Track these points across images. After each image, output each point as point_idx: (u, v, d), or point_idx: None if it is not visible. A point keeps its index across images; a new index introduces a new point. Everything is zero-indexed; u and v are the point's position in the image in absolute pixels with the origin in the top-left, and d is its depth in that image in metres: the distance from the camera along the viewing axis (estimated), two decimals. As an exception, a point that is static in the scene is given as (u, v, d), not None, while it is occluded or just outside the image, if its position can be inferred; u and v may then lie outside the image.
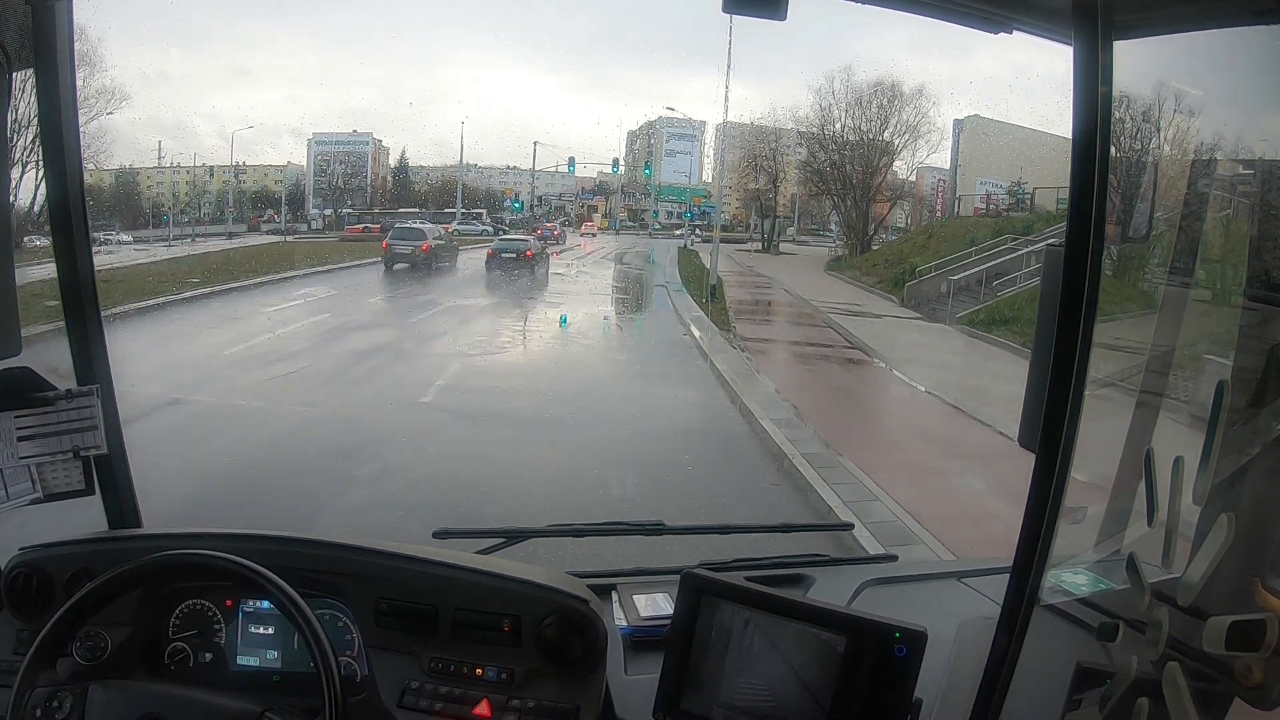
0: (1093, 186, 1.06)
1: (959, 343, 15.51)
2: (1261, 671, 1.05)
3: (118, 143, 29.46)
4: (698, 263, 23.33)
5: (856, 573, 1.91)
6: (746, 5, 1.36)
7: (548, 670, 1.39)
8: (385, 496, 5.83)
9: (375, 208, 31.08)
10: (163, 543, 1.39)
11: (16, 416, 1.53)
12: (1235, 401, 1.23)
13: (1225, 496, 1.19)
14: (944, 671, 1.41)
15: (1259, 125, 1.56)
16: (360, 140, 31.44)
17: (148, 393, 8.05)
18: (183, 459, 6.39)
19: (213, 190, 29.45)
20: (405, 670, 1.42)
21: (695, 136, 33.83)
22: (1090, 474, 1.63)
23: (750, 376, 10.65)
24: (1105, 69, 1.06)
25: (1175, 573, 1.21)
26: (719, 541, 2.21)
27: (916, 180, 30.12)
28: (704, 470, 6.81)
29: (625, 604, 1.71)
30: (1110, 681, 1.25)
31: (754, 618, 1.24)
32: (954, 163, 29.97)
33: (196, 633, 1.49)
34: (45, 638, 1.25)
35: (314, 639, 1.23)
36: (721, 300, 17.81)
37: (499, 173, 33.50)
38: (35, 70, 1.49)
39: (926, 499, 6.13)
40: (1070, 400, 1.08)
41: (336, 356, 11.12)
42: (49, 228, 1.55)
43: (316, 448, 6.98)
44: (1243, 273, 1.38)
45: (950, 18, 1.52)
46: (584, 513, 4.86)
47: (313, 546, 1.47)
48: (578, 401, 9.25)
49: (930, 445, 8.37)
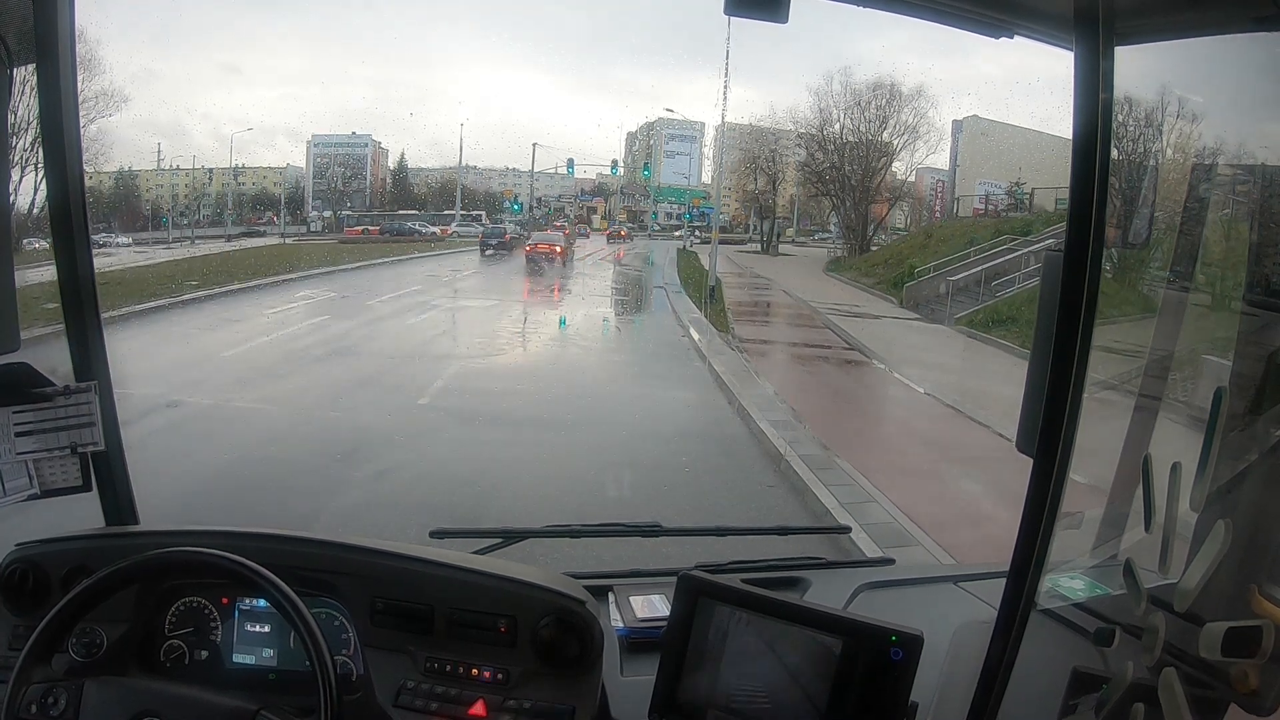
0: (1092, 192, 1.06)
1: (958, 344, 15.54)
2: (1257, 677, 1.05)
3: (117, 145, 29.50)
4: (697, 264, 23.35)
5: (853, 576, 1.91)
6: (748, 7, 1.37)
7: (544, 671, 1.39)
8: (387, 489, 5.85)
9: (374, 209, 31.06)
10: (160, 540, 1.39)
11: (14, 412, 1.53)
12: (1234, 407, 1.23)
13: (1223, 503, 1.19)
14: (940, 675, 1.41)
15: (1259, 131, 1.56)
16: (359, 142, 31.42)
17: (147, 393, 8.05)
18: (181, 459, 6.39)
19: (212, 192, 29.42)
20: (401, 670, 1.42)
21: (694, 138, 33.84)
22: (1088, 477, 1.63)
23: (748, 378, 10.66)
24: (1106, 75, 1.06)
25: (1172, 578, 1.21)
26: (716, 543, 2.21)
27: (915, 181, 30.16)
28: (701, 472, 6.82)
29: (622, 605, 1.71)
30: (1106, 687, 1.25)
31: (750, 620, 1.24)
32: (953, 163, 30.03)
33: (192, 630, 1.49)
34: (41, 634, 1.25)
35: (310, 638, 1.22)
36: (720, 301, 17.80)
37: (498, 174, 33.50)
38: (37, 66, 1.49)
39: (924, 501, 6.14)
40: (1069, 405, 1.08)
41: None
42: (49, 228, 1.55)
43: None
44: (1242, 278, 1.38)
45: (952, 22, 1.53)
46: (581, 514, 4.86)
47: (309, 545, 1.47)
48: (577, 402, 9.25)
49: (928, 447, 8.38)
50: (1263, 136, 1.51)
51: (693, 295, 18.85)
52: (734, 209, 33.80)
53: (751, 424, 8.27)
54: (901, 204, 30.29)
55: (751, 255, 29.37)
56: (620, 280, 24.22)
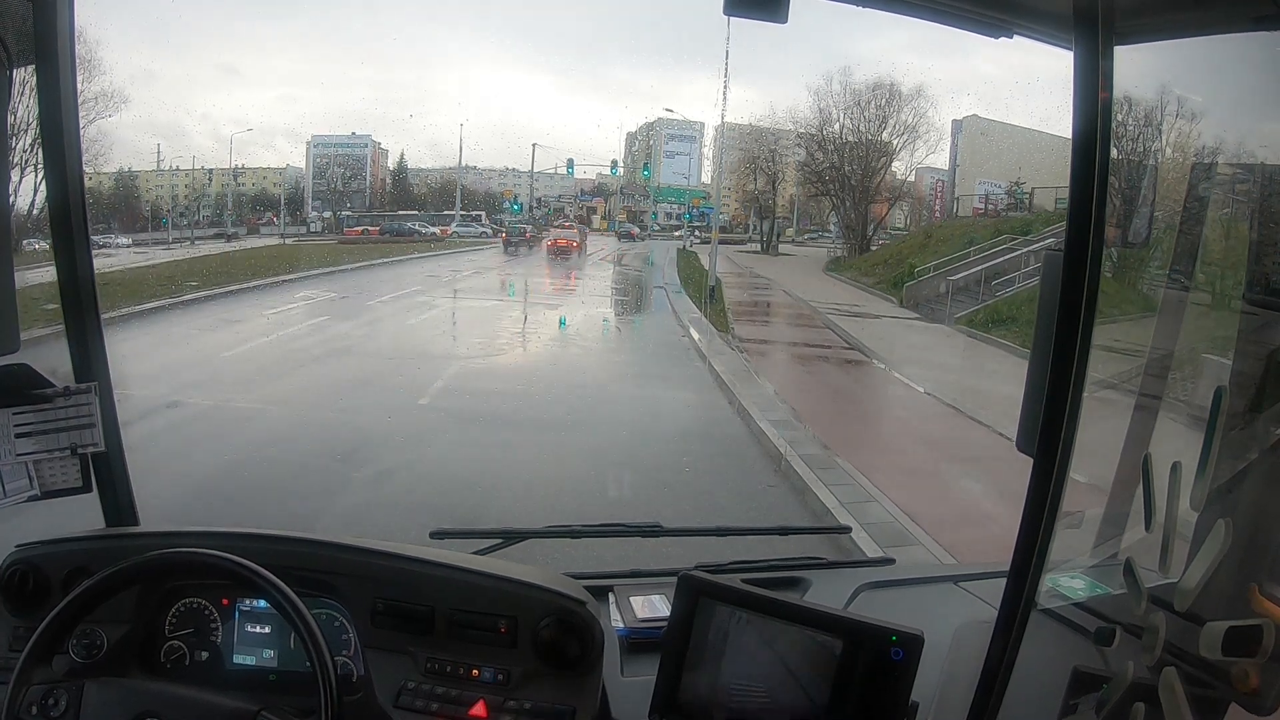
0: (1092, 191, 1.06)
1: (958, 343, 15.54)
2: (1258, 677, 1.05)
3: (116, 146, 29.50)
4: (697, 264, 23.35)
5: (853, 576, 1.91)
6: (748, 7, 1.36)
7: (544, 671, 1.39)
8: (387, 490, 5.84)
9: (374, 210, 31.05)
10: (160, 541, 1.39)
11: (14, 413, 1.53)
12: (1234, 406, 1.23)
13: (1223, 502, 1.19)
14: (940, 675, 1.41)
15: (1259, 130, 1.56)
16: (359, 142, 31.41)
17: (147, 394, 8.05)
18: (181, 460, 6.39)
19: (211, 193, 29.41)
20: (402, 670, 1.41)
21: (694, 138, 33.81)
22: (1088, 476, 1.63)
23: (748, 378, 10.66)
24: (1106, 74, 1.06)
25: (1172, 578, 1.21)
26: (716, 544, 2.21)
27: (915, 181, 30.13)
28: (702, 472, 6.82)
29: (622, 605, 1.71)
30: (1107, 686, 1.25)
31: (751, 620, 1.24)
32: (953, 163, 30.00)
33: (193, 631, 1.49)
34: (41, 635, 1.25)
35: (310, 638, 1.22)
36: (720, 302, 17.80)
37: (498, 174, 33.48)
38: (36, 67, 1.49)
39: (924, 501, 6.14)
40: (1069, 404, 1.08)
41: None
42: (49, 229, 1.55)
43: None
44: (1242, 277, 1.38)
45: (951, 22, 1.53)
46: (581, 514, 4.85)
47: (309, 546, 1.47)
48: (577, 402, 9.25)
49: (928, 447, 8.38)
50: (1262, 135, 1.51)
51: (693, 295, 18.84)
52: (734, 209, 33.79)
53: (752, 424, 8.27)
54: (901, 204, 30.27)
55: (751, 255, 29.36)
56: (620, 280, 24.24)
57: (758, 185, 31.74)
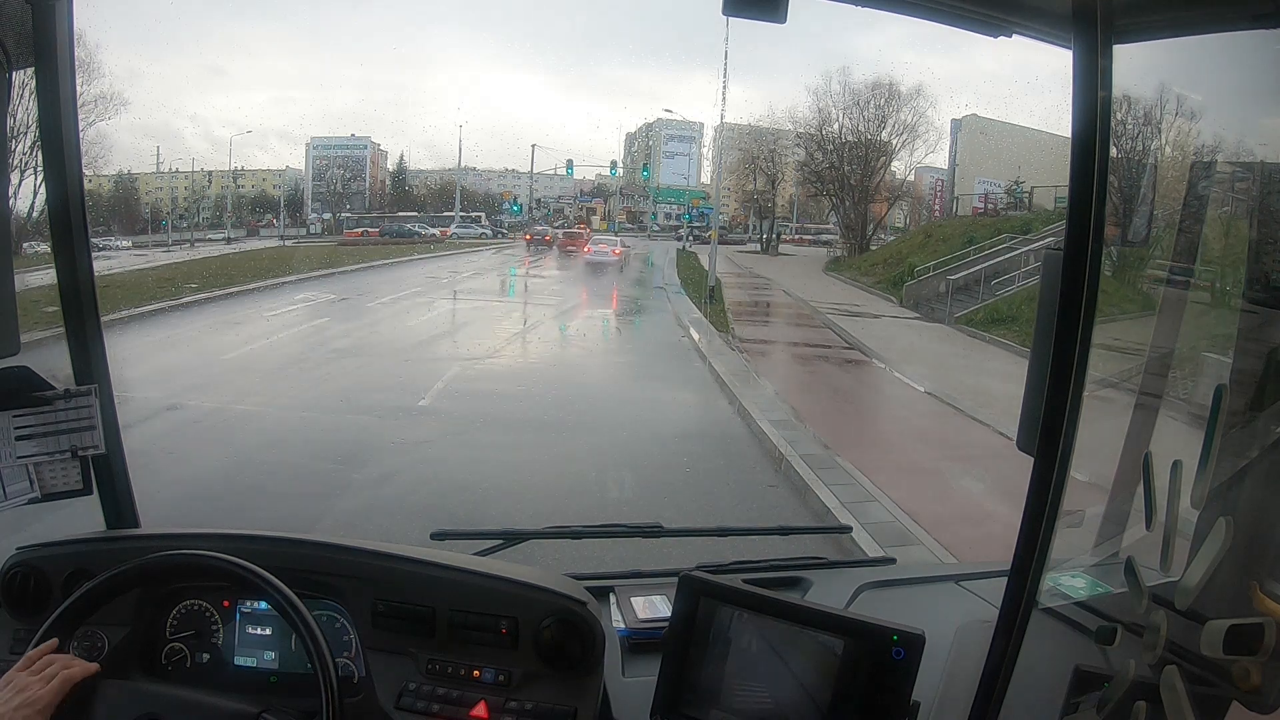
0: (1092, 190, 1.06)
1: (958, 342, 15.55)
2: (1259, 675, 1.05)
3: (116, 148, 29.51)
4: (696, 264, 23.37)
5: (854, 575, 1.91)
6: (747, 7, 1.36)
7: (545, 672, 1.39)
8: (388, 491, 5.84)
9: (374, 211, 31.08)
10: (160, 543, 1.39)
11: (15, 416, 1.53)
12: (1234, 405, 1.23)
13: (1224, 500, 1.19)
14: (942, 675, 1.41)
15: (1259, 128, 1.56)
16: (358, 144, 31.47)
17: (147, 397, 8.05)
18: (182, 462, 6.39)
19: (211, 195, 29.44)
20: (403, 672, 1.41)
21: (693, 138, 33.88)
22: (1089, 475, 1.63)
23: (748, 378, 10.66)
24: (1105, 73, 1.06)
25: (1173, 576, 1.21)
26: (717, 544, 2.21)
27: (915, 180, 30.21)
28: (702, 472, 6.81)
29: (623, 606, 1.71)
30: (1108, 685, 1.25)
31: (752, 620, 1.24)
32: (952, 163, 30.06)
33: (194, 633, 1.49)
34: (42, 637, 1.25)
35: (311, 640, 1.22)
36: (720, 302, 17.81)
37: (497, 175, 33.57)
38: (35, 70, 1.49)
39: (925, 500, 6.14)
40: (1069, 403, 1.08)
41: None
42: (48, 231, 1.55)
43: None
44: (1242, 275, 1.38)
45: (950, 21, 1.52)
46: (582, 514, 4.84)
47: (310, 547, 1.47)
48: (577, 402, 9.25)
49: (928, 446, 8.37)
50: (1262, 133, 1.51)
51: (692, 296, 18.86)
52: (733, 209, 33.83)
53: (752, 424, 8.27)
54: (901, 203, 30.32)
55: (751, 255, 29.39)
56: (620, 281, 24.24)
57: (757, 185, 31.77)
